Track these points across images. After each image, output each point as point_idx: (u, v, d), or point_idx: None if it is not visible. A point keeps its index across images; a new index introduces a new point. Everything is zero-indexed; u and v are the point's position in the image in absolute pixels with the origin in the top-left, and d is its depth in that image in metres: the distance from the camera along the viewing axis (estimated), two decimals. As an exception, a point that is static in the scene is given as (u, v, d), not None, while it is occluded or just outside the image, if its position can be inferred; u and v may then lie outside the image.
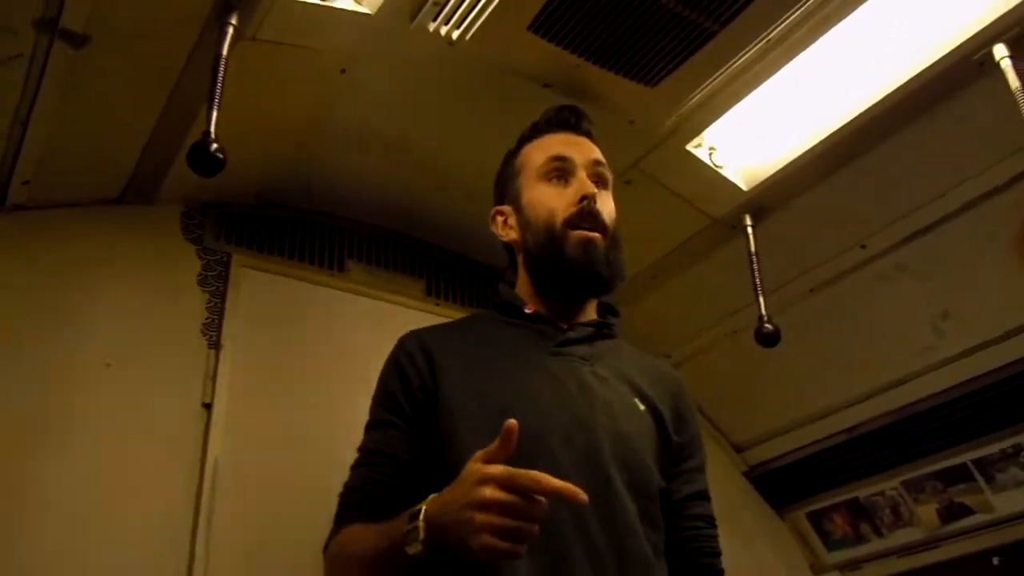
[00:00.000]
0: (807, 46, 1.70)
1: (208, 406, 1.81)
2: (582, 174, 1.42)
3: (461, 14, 1.62)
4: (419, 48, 1.70)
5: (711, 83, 1.77)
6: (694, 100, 1.81)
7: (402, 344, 1.37)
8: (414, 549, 1.05)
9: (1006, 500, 2.06)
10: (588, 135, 1.50)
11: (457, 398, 1.28)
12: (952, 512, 2.16)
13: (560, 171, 1.42)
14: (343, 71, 1.74)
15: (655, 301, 2.31)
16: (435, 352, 1.33)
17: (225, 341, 1.88)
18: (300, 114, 1.86)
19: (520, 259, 1.45)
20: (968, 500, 2.13)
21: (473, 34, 1.64)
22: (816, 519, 2.43)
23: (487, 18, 1.61)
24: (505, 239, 1.46)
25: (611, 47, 1.68)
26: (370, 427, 1.34)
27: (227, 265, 1.97)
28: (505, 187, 1.49)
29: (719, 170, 1.97)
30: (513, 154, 1.51)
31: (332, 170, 2.03)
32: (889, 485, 2.25)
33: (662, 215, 2.07)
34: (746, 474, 2.51)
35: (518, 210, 1.44)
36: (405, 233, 2.24)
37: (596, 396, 1.31)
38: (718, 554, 1.39)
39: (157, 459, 1.73)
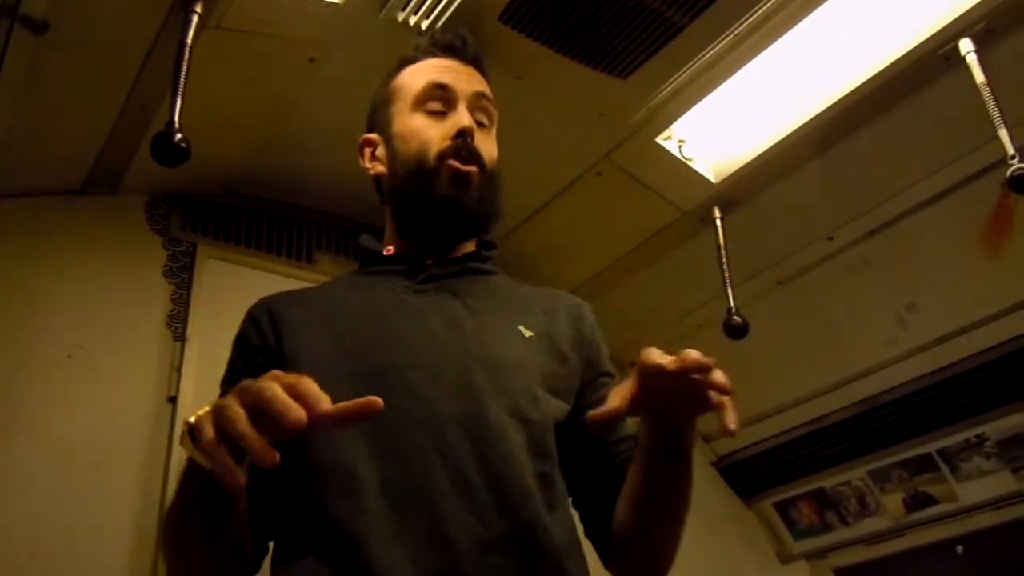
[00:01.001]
0: (775, 40, 1.71)
1: (173, 400, 1.79)
2: (463, 106, 1.26)
3: (431, 4, 1.61)
4: (388, 38, 1.68)
5: (680, 76, 1.77)
6: (664, 93, 1.81)
7: (248, 312, 1.24)
8: (188, 449, 0.87)
9: (970, 489, 2.09)
10: (476, 64, 1.33)
11: (305, 346, 1.15)
12: (917, 501, 2.19)
13: (439, 100, 1.26)
14: (311, 60, 1.72)
15: (624, 292, 2.31)
16: (280, 309, 1.20)
17: (191, 334, 1.86)
18: (267, 104, 1.84)
19: (387, 194, 1.30)
20: (933, 489, 2.16)
21: (443, 24, 1.63)
22: (783, 508, 2.45)
23: (457, 8, 1.60)
24: (372, 172, 1.31)
25: (582, 39, 1.68)
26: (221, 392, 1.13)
27: (193, 256, 1.95)
28: (377, 114, 1.34)
29: (688, 163, 1.97)
30: (388, 79, 1.35)
31: (300, 160, 2.01)
32: (855, 475, 2.27)
33: (632, 207, 2.08)
34: (714, 464, 2.53)
35: (387, 140, 1.29)
36: (374, 224, 2.22)
37: (466, 328, 1.19)
38: None
39: (121, 453, 1.71)
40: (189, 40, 1.47)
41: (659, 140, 1.94)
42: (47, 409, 1.67)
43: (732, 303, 1.97)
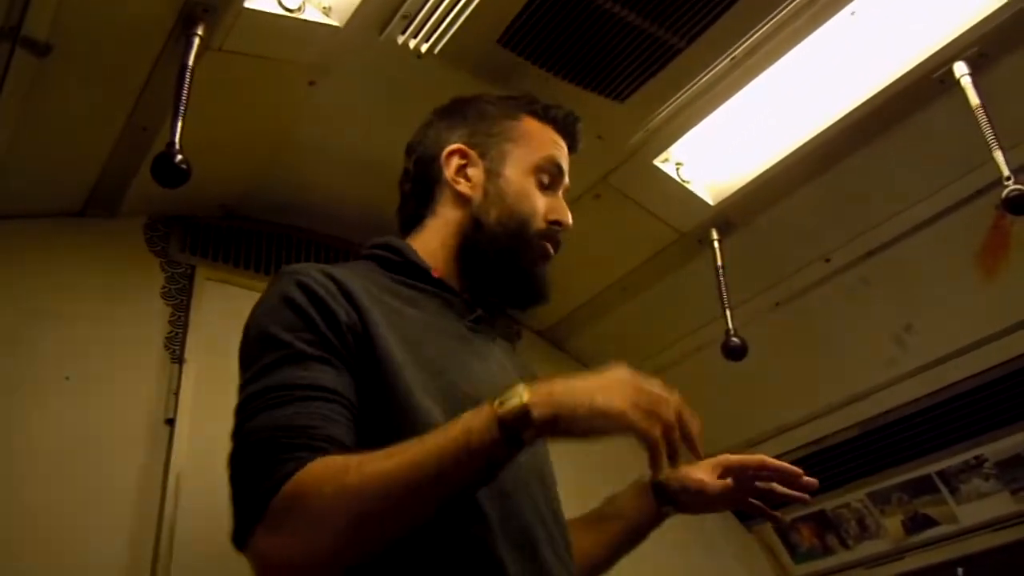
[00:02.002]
0: (771, 64, 1.72)
1: (171, 422, 1.78)
2: (561, 195, 1.39)
3: (431, 27, 1.62)
4: (388, 61, 1.69)
5: (678, 99, 1.78)
6: (661, 115, 1.82)
7: (304, 272, 1.14)
8: (528, 434, 0.92)
9: (970, 511, 2.09)
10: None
11: (392, 349, 1.11)
12: (917, 523, 2.18)
13: (552, 179, 1.37)
14: (311, 83, 1.73)
15: (623, 315, 2.31)
16: (353, 291, 1.13)
17: (188, 355, 1.85)
18: (268, 126, 1.84)
19: (457, 215, 1.31)
20: (932, 511, 2.15)
21: (442, 47, 1.64)
22: (783, 531, 2.44)
23: (456, 31, 1.61)
24: (456, 187, 1.32)
25: (580, 62, 1.69)
26: (286, 360, 1.05)
27: (191, 278, 1.94)
28: (482, 134, 1.36)
29: (686, 185, 1.98)
30: (508, 107, 1.40)
31: (300, 182, 2.02)
32: (855, 497, 2.27)
33: (630, 229, 2.08)
34: (713, 487, 2.51)
35: (491, 174, 1.33)
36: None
37: (511, 378, 1.24)
38: None
39: (118, 475, 1.70)
40: (191, 62, 1.47)
41: (657, 162, 1.94)
42: (43, 430, 1.66)
43: (730, 325, 1.97)
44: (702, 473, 1.47)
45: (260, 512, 0.97)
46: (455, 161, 1.34)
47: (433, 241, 1.32)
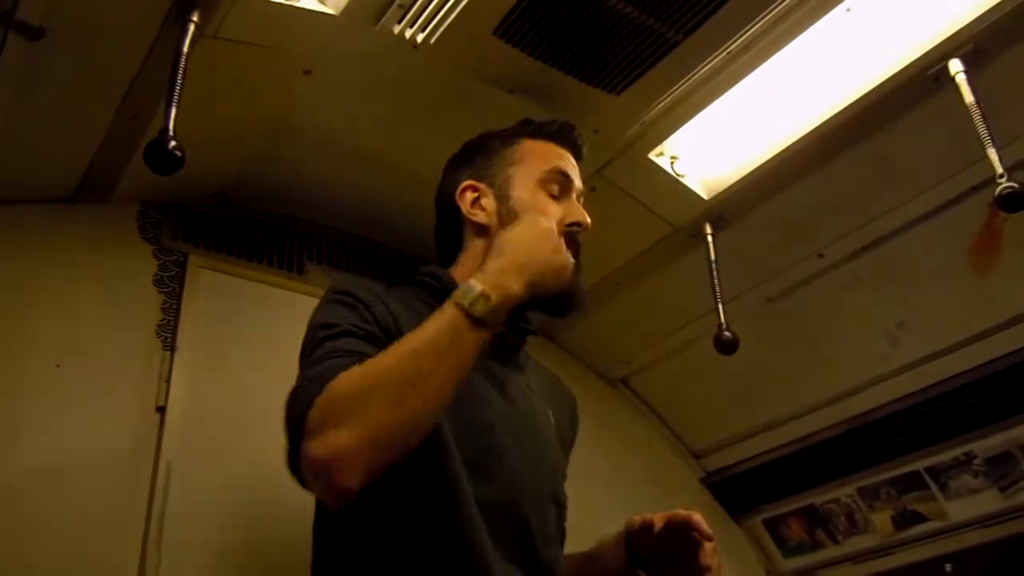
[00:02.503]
0: (767, 59, 1.72)
1: (162, 409, 1.77)
2: (574, 197, 1.44)
3: (426, 17, 1.62)
4: (383, 50, 1.69)
5: (673, 93, 1.78)
6: (657, 109, 1.82)
7: (352, 284, 1.31)
8: (485, 309, 1.10)
9: (958, 507, 2.10)
10: (578, 165, 1.51)
11: None
12: (906, 519, 2.19)
13: (561, 187, 1.43)
14: (307, 72, 1.72)
15: (616, 308, 2.31)
16: (392, 306, 1.27)
17: (180, 343, 1.85)
18: (262, 114, 1.84)
19: (479, 244, 1.40)
20: (921, 507, 2.16)
21: (438, 38, 1.64)
22: (773, 526, 2.45)
23: (452, 22, 1.61)
24: (473, 219, 1.42)
25: (576, 55, 1.69)
26: (335, 336, 1.20)
27: (184, 266, 1.93)
28: (488, 167, 1.45)
29: (681, 179, 1.98)
30: (506, 138, 1.48)
31: (294, 171, 2.01)
32: (844, 492, 2.28)
33: (624, 223, 2.08)
34: (703, 480, 2.53)
35: (502, 198, 1.41)
36: (365, 236, 2.23)
37: (532, 406, 1.36)
38: None
39: (108, 463, 1.69)
40: (185, 49, 1.47)
41: (652, 156, 1.94)
42: (35, 418, 1.66)
43: (723, 319, 1.97)
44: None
45: (301, 429, 1.07)
46: (468, 196, 1.43)
47: (466, 271, 1.36)
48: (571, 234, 1.38)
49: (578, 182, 1.47)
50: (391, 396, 1.05)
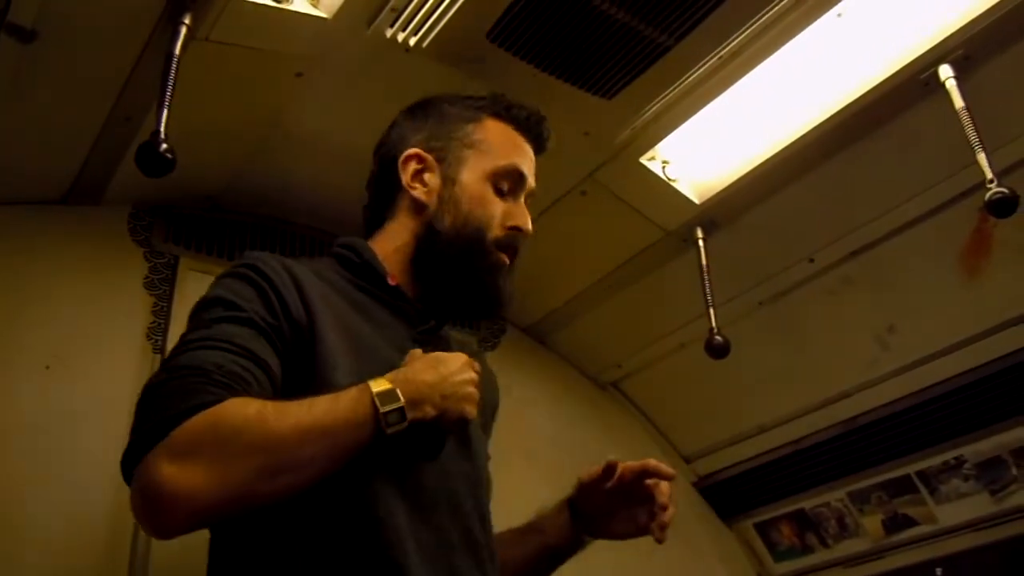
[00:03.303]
0: (758, 64, 1.73)
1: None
2: (522, 200, 1.36)
3: (419, 21, 1.62)
4: (376, 54, 1.69)
5: (665, 97, 1.79)
6: (648, 113, 1.83)
7: (264, 260, 1.17)
8: (397, 427, 1.03)
9: (949, 511, 2.10)
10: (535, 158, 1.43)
11: (333, 350, 1.14)
12: (896, 523, 2.19)
13: (512, 184, 1.34)
14: (299, 75, 1.72)
15: (607, 312, 2.32)
16: (306, 289, 1.16)
17: (170, 346, 1.82)
18: (254, 117, 1.84)
19: (413, 222, 1.31)
20: (912, 511, 2.16)
21: (430, 41, 1.64)
22: (763, 529, 2.45)
23: (444, 25, 1.61)
24: (412, 192, 1.32)
25: (568, 59, 1.69)
26: (232, 320, 1.08)
27: (174, 268, 1.93)
28: (439, 139, 1.35)
29: (672, 183, 1.98)
30: (468, 109, 1.38)
31: (286, 174, 2.01)
32: (835, 496, 2.28)
33: (616, 227, 2.09)
34: (695, 485, 2.53)
35: (447, 180, 1.31)
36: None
37: None
38: None
39: (97, 465, 1.67)
40: (177, 51, 1.47)
41: (643, 160, 1.95)
42: (23, 419, 1.65)
43: (714, 323, 1.98)
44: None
45: (158, 438, 0.97)
46: (412, 166, 1.33)
47: (389, 245, 1.32)
48: (512, 238, 1.32)
49: (531, 181, 1.37)
50: (269, 466, 0.98)
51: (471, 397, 1.11)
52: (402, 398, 1.03)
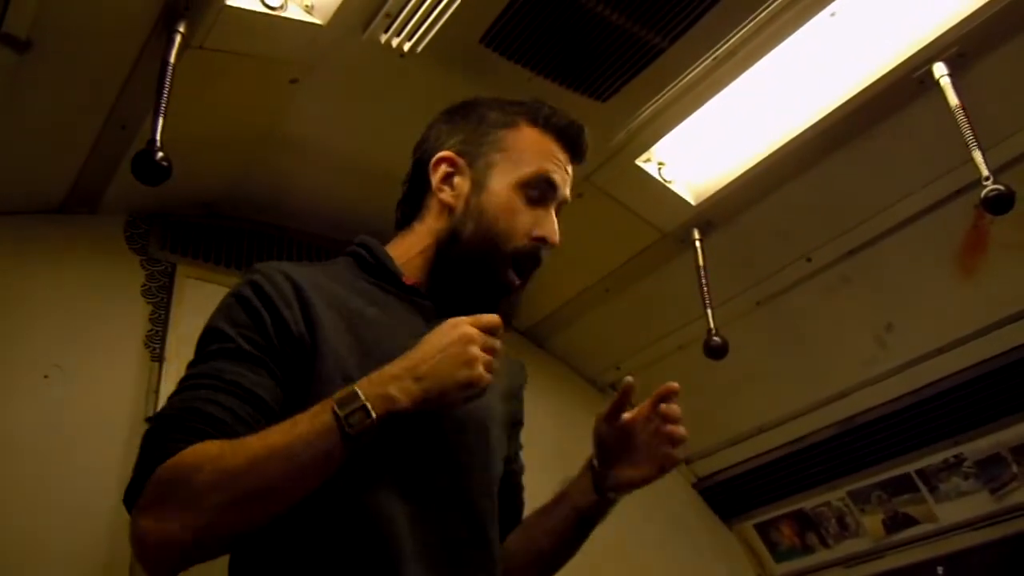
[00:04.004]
0: (753, 64, 1.73)
1: (150, 420, 1.77)
2: (552, 210, 1.32)
3: (413, 26, 1.62)
4: (370, 59, 1.69)
5: (660, 99, 1.79)
6: (643, 115, 1.83)
7: (267, 275, 1.17)
8: (363, 426, 1.01)
9: (949, 510, 2.10)
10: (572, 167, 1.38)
11: (333, 352, 1.14)
12: (897, 522, 2.19)
13: (542, 194, 1.30)
14: (294, 81, 1.72)
15: (605, 313, 2.32)
16: (310, 298, 1.16)
17: (168, 354, 1.84)
18: (250, 124, 1.84)
19: (438, 223, 1.30)
20: (912, 510, 2.16)
21: (425, 46, 1.64)
22: (764, 530, 2.45)
23: (439, 30, 1.61)
24: (440, 195, 1.30)
25: (562, 62, 1.70)
26: (225, 353, 1.10)
27: (171, 276, 1.93)
28: (473, 142, 1.32)
29: (668, 185, 1.99)
30: (506, 113, 1.34)
31: (282, 181, 2.01)
32: (835, 496, 2.28)
33: (613, 229, 2.09)
34: (695, 485, 2.53)
35: (476, 185, 1.29)
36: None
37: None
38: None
39: (96, 474, 1.68)
40: (172, 60, 1.47)
41: (639, 162, 1.95)
42: (22, 429, 1.65)
43: (712, 324, 1.98)
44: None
45: (137, 493, 1.02)
46: (442, 168, 1.31)
47: (414, 247, 1.31)
48: (535, 248, 1.28)
49: (564, 191, 1.33)
50: (234, 501, 0.99)
51: (469, 361, 1.07)
52: (362, 397, 1.02)
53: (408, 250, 1.31)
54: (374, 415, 1.02)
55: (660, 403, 1.31)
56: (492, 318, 1.12)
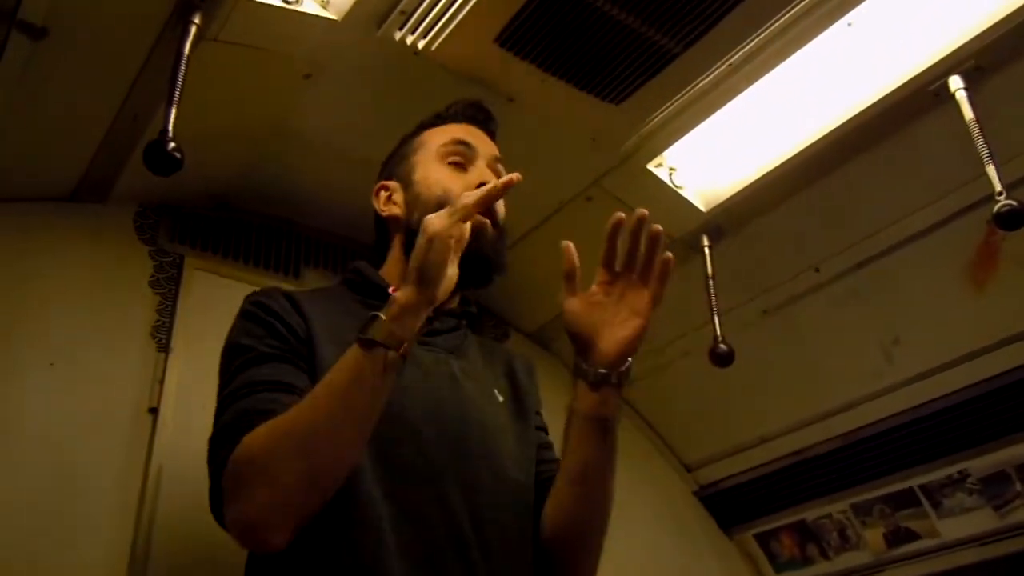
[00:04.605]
0: (767, 72, 1.72)
1: (154, 411, 1.77)
2: (482, 163, 1.41)
3: (428, 24, 1.62)
4: (384, 56, 1.69)
5: (673, 104, 1.79)
6: (656, 120, 1.83)
7: (266, 293, 1.30)
8: (380, 331, 1.06)
9: (952, 525, 2.09)
10: (492, 135, 1.50)
11: (328, 361, 1.19)
12: (899, 536, 2.18)
13: (461, 155, 1.41)
14: (307, 76, 1.72)
15: (612, 318, 2.31)
16: (308, 313, 1.27)
17: (175, 345, 1.84)
18: (262, 117, 1.84)
19: (398, 238, 1.42)
20: (914, 525, 2.15)
21: (439, 44, 1.64)
22: (764, 540, 2.44)
23: (454, 29, 1.61)
24: (385, 214, 1.44)
25: (576, 64, 1.69)
26: (251, 362, 1.20)
27: (180, 267, 1.93)
28: (396, 165, 1.47)
29: (679, 190, 1.98)
30: (410, 136, 1.50)
31: (293, 175, 2.01)
32: (837, 508, 2.27)
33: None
34: (696, 494, 2.52)
35: (407, 186, 1.42)
36: (362, 241, 2.22)
37: (464, 390, 1.32)
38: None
39: (100, 463, 1.68)
40: (186, 51, 1.47)
41: (650, 167, 1.95)
42: (27, 416, 1.65)
43: (718, 331, 1.98)
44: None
45: (219, 491, 1.11)
46: (381, 195, 1.46)
47: (394, 267, 1.41)
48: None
49: (484, 148, 1.44)
50: (300, 451, 1.05)
51: (438, 268, 1.10)
52: (379, 316, 1.08)
53: (391, 269, 1.41)
54: (384, 316, 1.07)
55: (615, 239, 1.29)
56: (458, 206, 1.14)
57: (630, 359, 1.28)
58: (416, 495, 1.19)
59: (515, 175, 1.15)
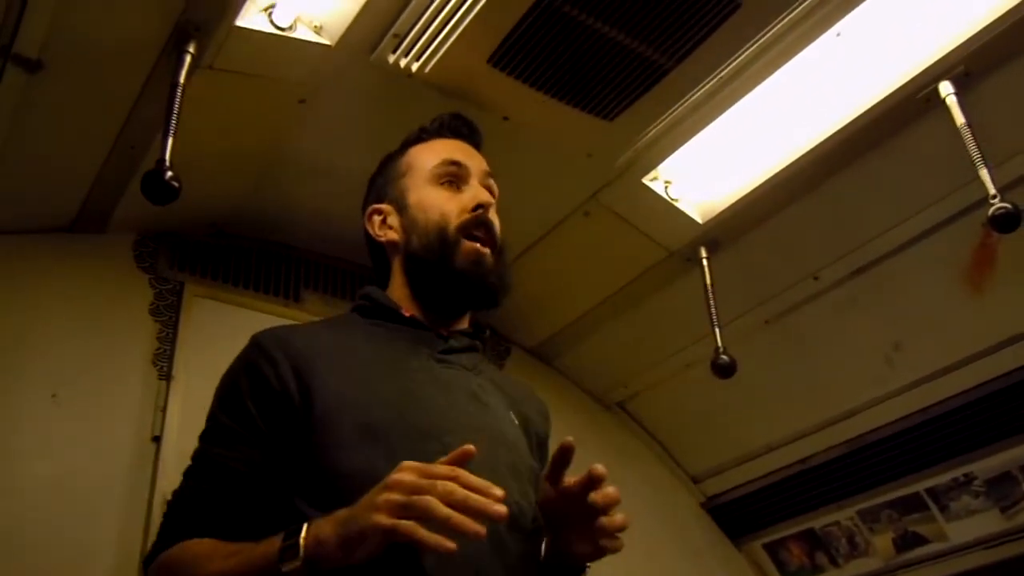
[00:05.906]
0: (759, 83, 1.74)
1: (157, 439, 1.77)
2: (475, 182, 1.39)
3: (421, 47, 1.63)
4: (378, 80, 1.70)
5: (667, 118, 1.80)
6: (650, 134, 1.84)
7: (258, 344, 1.23)
8: (290, 566, 1.00)
9: (960, 529, 2.09)
10: (478, 147, 1.47)
11: (335, 400, 1.18)
12: (907, 541, 2.18)
13: (454, 176, 1.38)
14: (302, 101, 1.74)
15: (612, 332, 2.32)
16: (299, 352, 1.21)
17: (176, 372, 1.85)
18: (258, 144, 1.85)
19: (397, 261, 1.38)
20: (922, 529, 2.15)
21: (433, 66, 1.65)
22: (773, 550, 2.43)
23: (446, 51, 1.62)
24: (382, 239, 1.39)
25: (570, 81, 1.70)
26: (214, 435, 1.21)
27: (180, 295, 1.94)
28: (385, 187, 1.43)
29: (675, 203, 1.99)
30: (396, 155, 1.45)
31: (290, 200, 2.02)
32: (844, 515, 2.27)
33: (619, 247, 2.09)
34: (703, 505, 2.51)
35: (401, 210, 1.38)
36: (361, 264, 2.23)
37: (486, 405, 1.30)
38: None
39: (104, 492, 1.69)
40: (182, 80, 1.48)
41: (646, 181, 1.96)
42: (30, 448, 1.66)
43: (719, 342, 1.98)
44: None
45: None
46: (375, 219, 1.41)
47: (396, 291, 1.37)
48: (475, 216, 1.33)
49: (475, 164, 1.40)
50: None
51: (379, 506, 0.98)
52: (302, 535, 1.02)
53: (397, 293, 1.37)
54: (301, 554, 1.01)
55: (588, 491, 1.16)
56: (444, 468, 1.00)
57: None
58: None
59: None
